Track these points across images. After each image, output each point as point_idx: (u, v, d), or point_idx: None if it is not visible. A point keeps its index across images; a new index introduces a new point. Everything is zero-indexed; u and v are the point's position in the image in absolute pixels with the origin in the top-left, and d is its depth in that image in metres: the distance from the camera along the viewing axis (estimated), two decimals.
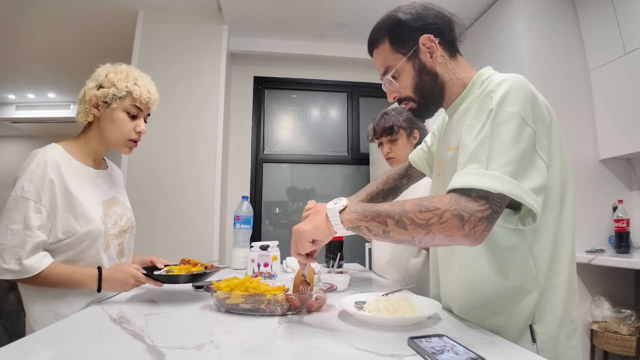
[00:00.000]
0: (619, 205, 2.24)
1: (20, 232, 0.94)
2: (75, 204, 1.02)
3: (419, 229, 0.68)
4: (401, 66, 0.84)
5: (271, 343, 0.71)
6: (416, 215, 0.69)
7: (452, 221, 0.66)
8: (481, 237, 0.66)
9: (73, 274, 0.99)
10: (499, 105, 0.70)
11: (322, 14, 2.94)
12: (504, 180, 0.65)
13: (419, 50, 0.83)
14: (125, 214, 1.20)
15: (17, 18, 3.00)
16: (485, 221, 0.66)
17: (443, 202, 0.68)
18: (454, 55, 0.87)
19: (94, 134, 1.13)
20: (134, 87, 1.09)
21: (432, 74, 0.84)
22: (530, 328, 0.76)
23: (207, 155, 2.85)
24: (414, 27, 0.83)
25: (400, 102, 0.90)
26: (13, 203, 0.97)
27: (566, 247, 0.78)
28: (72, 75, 4.05)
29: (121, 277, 1.00)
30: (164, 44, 2.91)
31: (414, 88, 0.85)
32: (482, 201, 0.66)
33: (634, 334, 1.87)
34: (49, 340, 0.70)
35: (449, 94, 0.86)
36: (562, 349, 0.76)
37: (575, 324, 0.79)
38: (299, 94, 3.68)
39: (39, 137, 6.04)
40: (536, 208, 0.67)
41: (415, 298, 0.93)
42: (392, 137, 1.53)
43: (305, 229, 0.78)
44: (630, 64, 2.15)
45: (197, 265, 1.10)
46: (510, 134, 0.68)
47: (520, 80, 0.73)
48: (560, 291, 0.76)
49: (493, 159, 0.67)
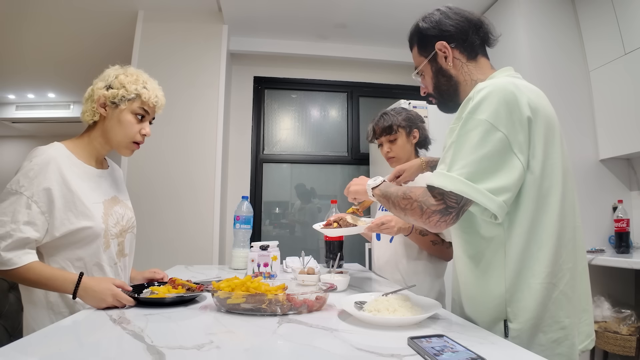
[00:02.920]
0: (619, 205, 2.24)
1: (6, 225, 0.94)
2: (77, 202, 1.02)
3: (400, 210, 0.87)
4: (424, 68, 0.98)
5: (271, 343, 0.71)
6: (400, 200, 0.87)
7: (416, 210, 0.82)
8: (437, 225, 0.79)
9: (52, 275, 0.94)
10: (470, 113, 0.78)
11: (322, 14, 2.94)
12: (457, 180, 0.75)
13: (437, 55, 0.95)
14: (126, 213, 1.20)
15: (17, 18, 3.00)
16: (438, 214, 0.78)
17: (416, 193, 0.83)
18: (474, 57, 0.94)
19: (98, 134, 1.13)
20: (143, 90, 1.11)
21: (447, 75, 0.95)
22: (504, 323, 0.80)
23: (207, 155, 2.85)
24: (431, 35, 0.94)
25: (428, 96, 1.02)
26: (6, 195, 0.97)
27: (547, 251, 0.78)
28: (72, 75, 4.05)
29: (100, 290, 0.91)
30: (164, 44, 2.91)
31: (433, 87, 0.98)
32: (439, 197, 0.79)
33: (633, 334, 1.87)
34: (49, 340, 0.70)
35: (464, 93, 0.93)
36: (547, 353, 0.76)
37: (567, 332, 0.78)
38: (299, 94, 3.67)
39: (39, 137, 6.04)
40: (489, 206, 0.74)
41: (415, 298, 0.93)
42: (392, 136, 1.53)
43: (351, 189, 1.15)
44: (630, 64, 2.15)
45: (179, 287, 1.04)
46: (474, 140, 0.76)
47: (500, 86, 0.79)
48: (536, 292, 0.77)
49: (454, 162, 0.78)
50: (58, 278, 0.94)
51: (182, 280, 1.07)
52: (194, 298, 1.02)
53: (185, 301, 0.99)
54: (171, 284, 1.06)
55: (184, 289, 1.04)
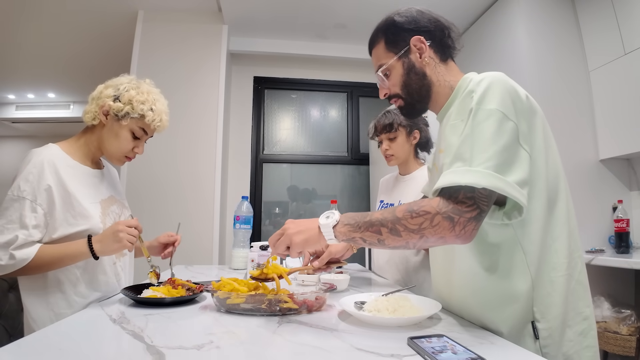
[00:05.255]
0: (619, 205, 2.24)
1: (16, 231, 0.95)
2: (74, 202, 1.02)
3: (413, 234, 0.72)
4: (392, 64, 0.90)
5: (271, 343, 0.71)
6: (408, 221, 0.72)
7: (443, 224, 0.69)
8: (471, 235, 0.70)
9: (64, 251, 0.97)
10: (478, 104, 0.73)
11: (322, 14, 2.94)
12: (488, 175, 0.68)
13: (410, 50, 0.88)
14: (124, 212, 1.20)
15: (17, 18, 2.99)
16: (474, 221, 0.69)
17: (432, 205, 0.71)
18: (445, 59, 0.90)
19: (94, 138, 1.13)
20: (148, 112, 1.10)
21: (420, 73, 0.88)
22: (532, 325, 0.75)
23: (207, 155, 2.85)
24: (407, 29, 0.88)
25: (390, 99, 0.94)
26: (10, 202, 0.97)
27: (563, 241, 0.77)
28: (72, 75, 4.05)
29: (109, 234, 0.97)
30: (164, 44, 2.91)
31: (401, 85, 0.90)
32: (470, 202, 0.69)
33: (633, 334, 1.87)
34: (49, 340, 0.70)
35: (436, 95, 0.89)
36: (576, 348, 0.75)
37: (590, 322, 0.77)
38: (299, 94, 3.67)
39: (39, 137, 6.04)
40: (521, 200, 0.68)
41: (415, 298, 0.93)
42: (392, 134, 1.53)
43: (296, 240, 0.81)
44: (630, 64, 2.15)
45: (179, 287, 1.05)
46: (491, 130, 0.70)
47: (498, 77, 0.76)
48: (560, 285, 0.75)
49: (475, 155, 0.70)
50: (70, 250, 0.97)
51: (182, 281, 1.08)
52: (194, 298, 1.02)
53: (185, 301, 0.99)
54: (171, 284, 1.06)
55: (184, 289, 1.04)
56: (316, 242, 0.81)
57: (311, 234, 0.81)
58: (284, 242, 0.82)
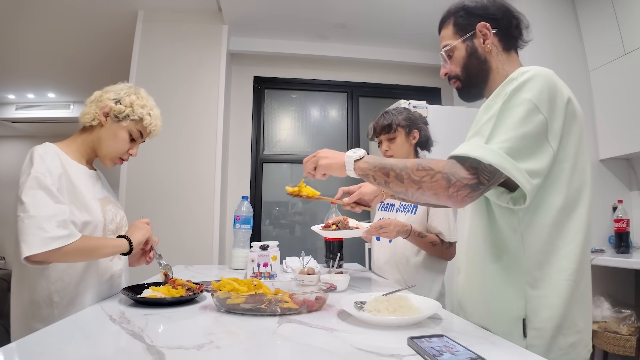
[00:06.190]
0: (619, 205, 2.24)
1: (50, 204, 0.93)
2: (78, 195, 1.04)
3: (413, 184, 0.78)
4: (456, 46, 0.92)
5: (271, 343, 0.71)
6: (414, 172, 0.78)
7: (440, 182, 0.75)
8: (463, 201, 0.74)
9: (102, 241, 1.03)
10: (515, 90, 0.75)
11: (322, 14, 2.94)
12: (498, 154, 0.71)
13: (475, 35, 0.90)
14: (119, 212, 1.22)
15: (16, 18, 2.99)
16: (468, 188, 0.73)
17: (438, 165, 0.76)
18: (508, 49, 0.92)
19: (90, 139, 1.15)
20: (147, 116, 1.17)
21: (481, 58, 0.90)
22: (523, 322, 0.76)
23: (207, 155, 2.84)
24: (475, 15, 0.90)
25: (449, 79, 0.96)
26: (33, 181, 0.94)
27: (575, 247, 0.76)
28: (72, 75, 4.05)
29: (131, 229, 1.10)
30: (164, 44, 2.91)
31: (462, 67, 0.93)
32: (472, 171, 0.73)
33: (633, 334, 1.87)
34: (49, 340, 0.70)
35: (493, 82, 0.90)
36: (560, 356, 0.74)
37: (583, 336, 0.76)
38: (299, 94, 3.67)
39: (39, 137, 6.03)
40: (525, 186, 0.70)
41: (415, 298, 0.93)
42: (391, 135, 1.53)
43: (322, 163, 0.97)
44: (630, 64, 2.15)
45: (179, 287, 1.05)
46: (518, 117, 0.73)
47: (544, 72, 0.77)
48: (563, 289, 0.75)
49: (495, 135, 0.73)
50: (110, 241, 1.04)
51: (182, 281, 1.08)
52: (194, 298, 1.02)
53: (185, 301, 0.99)
54: (171, 284, 1.06)
55: (184, 289, 1.04)
56: (337, 170, 0.94)
57: (336, 161, 0.94)
58: (313, 162, 0.98)
